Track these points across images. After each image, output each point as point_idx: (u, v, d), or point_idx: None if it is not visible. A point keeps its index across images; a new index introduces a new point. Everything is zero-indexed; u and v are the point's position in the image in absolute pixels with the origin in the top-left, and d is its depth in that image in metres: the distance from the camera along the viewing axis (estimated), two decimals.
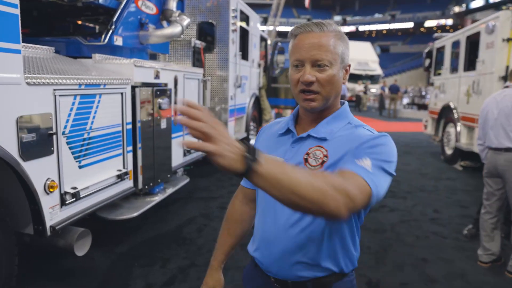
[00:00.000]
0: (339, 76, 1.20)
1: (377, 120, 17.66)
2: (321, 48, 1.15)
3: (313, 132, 1.22)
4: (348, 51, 1.23)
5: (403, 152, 9.19)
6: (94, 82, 2.76)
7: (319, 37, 1.16)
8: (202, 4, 6.27)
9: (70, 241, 2.61)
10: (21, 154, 2.14)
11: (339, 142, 1.17)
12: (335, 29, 1.20)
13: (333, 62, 1.16)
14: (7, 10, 2.02)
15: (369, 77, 25.36)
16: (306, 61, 1.16)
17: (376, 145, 1.11)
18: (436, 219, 4.56)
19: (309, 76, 1.15)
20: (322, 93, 1.17)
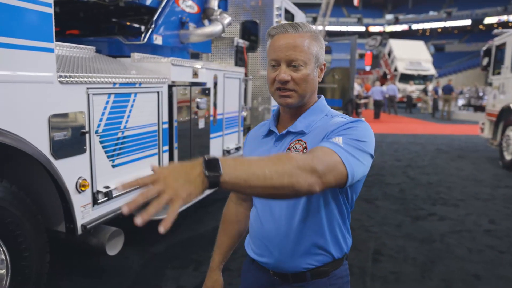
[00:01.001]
0: (314, 74, 1.27)
1: (429, 122, 16.82)
2: (296, 48, 1.21)
3: (291, 128, 1.29)
4: (323, 51, 1.29)
5: (456, 156, 8.63)
6: (128, 81, 2.74)
7: (294, 38, 1.22)
8: (246, 2, 6.19)
9: (102, 240, 2.60)
10: (52, 153, 2.14)
11: (316, 132, 1.24)
12: (309, 30, 1.26)
13: (307, 61, 1.23)
14: (41, 9, 2.03)
15: (422, 77, 24.26)
16: (281, 60, 1.22)
17: (349, 128, 1.16)
18: (492, 230, 4.17)
19: (284, 76, 1.22)
20: (298, 91, 1.24)
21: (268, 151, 1.31)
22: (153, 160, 3.12)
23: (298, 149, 1.23)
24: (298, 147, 1.24)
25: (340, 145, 1.09)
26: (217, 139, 4.29)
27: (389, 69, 25.81)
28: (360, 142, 1.13)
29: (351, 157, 1.09)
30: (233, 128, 4.74)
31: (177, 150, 3.38)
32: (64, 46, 2.86)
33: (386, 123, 15.53)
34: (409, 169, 7.14)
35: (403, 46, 25.74)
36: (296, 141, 1.26)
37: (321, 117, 1.30)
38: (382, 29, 54.38)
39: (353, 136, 1.13)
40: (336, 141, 1.10)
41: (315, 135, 1.23)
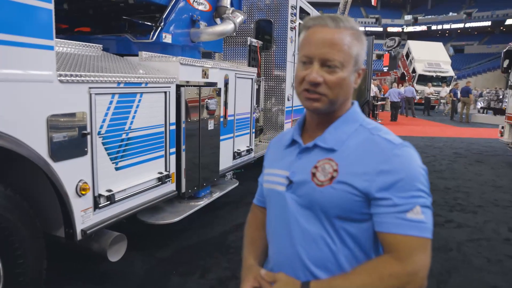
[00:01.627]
0: (350, 79, 1.10)
1: (447, 125, 16.43)
2: (333, 46, 1.06)
3: (319, 141, 1.13)
4: (364, 53, 1.14)
5: (474, 161, 8.35)
6: (134, 81, 2.63)
7: (333, 33, 1.06)
8: (260, 1, 6.07)
9: (104, 245, 2.50)
10: (50, 155, 2.04)
11: (353, 155, 1.08)
12: (352, 27, 1.09)
13: (345, 63, 1.07)
14: (40, 5, 1.93)
15: (440, 78, 23.76)
16: (315, 58, 1.07)
17: (413, 177, 1.02)
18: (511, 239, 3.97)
19: (315, 76, 1.06)
20: (328, 96, 1.08)
21: (290, 165, 1.16)
22: (159, 162, 3.01)
23: (327, 170, 1.07)
24: (328, 168, 1.08)
25: (423, 220, 1.00)
26: (228, 141, 4.17)
27: (407, 70, 25.35)
28: (428, 189, 1.04)
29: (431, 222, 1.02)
30: (245, 129, 4.62)
31: (185, 152, 3.27)
32: (69, 44, 2.77)
33: (403, 126, 15.22)
34: None
35: (421, 47, 25.26)
36: (325, 161, 1.09)
37: (355, 128, 1.12)
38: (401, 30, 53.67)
39: (423, 187, 1.02)
40: (417, 217, 0.99)
41: (351, 158, 1.06)
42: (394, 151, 1.04)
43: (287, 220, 1.13)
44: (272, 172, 1.22)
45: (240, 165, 4.58)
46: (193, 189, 3.45)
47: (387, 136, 1.08)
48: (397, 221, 0.99)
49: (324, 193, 1.06)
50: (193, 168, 3.42)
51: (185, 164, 3.28)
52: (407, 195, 1.00)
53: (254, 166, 5.79)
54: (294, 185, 1.12)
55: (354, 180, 1.04)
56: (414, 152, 1.07)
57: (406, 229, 0.99)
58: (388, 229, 1.01)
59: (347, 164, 1.06)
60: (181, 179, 3.28)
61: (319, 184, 1.07)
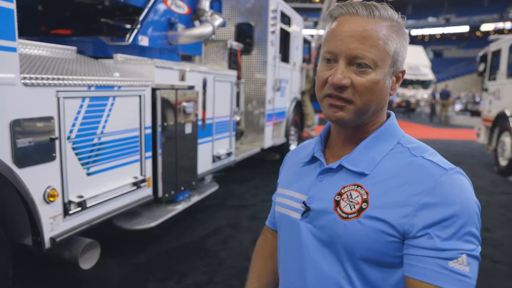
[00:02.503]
0: (386, 84, 0.88)
1: (427, 126, 16.70)
2: (365, 40, 0.84)
3: (346, 161, 0.92)
4: (405, 52, 0.91)
5: (453, 162, 8.27)
6: (106, 84, 2.56)
7: (365, 24, 0.85)
8: (241, 5, 6.05)
9: (75, 253, 2.42)
10: (14, 161, 1.96)
11: (389, 181, 0.85)
12: (390, 17, 0.88)
13: (379, 63, 0.85)
14: (1, 5, 1.86)
15: (420, 82, 24.18)
16: (340, 55, 0.85)
17: (466, 215, 0.79)
18: (487, 239, 4.00)
19: (341, 77, 0.84)
20: (356, 103, 0.86)
21: (309, 189, 0.95)
22: (134, 167, 2.94)
23: (354, 200, 0.87)
24: (355, 196, 0.87)
25: (468, 274, 0.77)
26: (207, 144, 4.11)
27: None
28: (479, 233, 0.81)
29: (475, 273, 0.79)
30: (224, 133, 4.57)
31: (161, 156, 3.20)
32: (41, 46, 2.69)
33: None
34: None
35: None
36: (352, 187, 0.88)
37: (391, 147, 0.91)
38: None
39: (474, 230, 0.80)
40: (462, 269, 0.77)
41: (387, 188, 0.85)
42: (443, 179, 0.82)
43: (300, 255, 0.94)
44: (286, 194, 1.03)
45: (220, 168, 4.53)
46: (170, 193, 3.38)
47: (433, 158, 0.87)
48: (436, 269, 0.78)
49: (349, 229, 0.86)
50: (170, 172, 3.36)
51: (162, 168, 3.22)
52: (452, 238, 0.78)
53: (235, 169, 5.75)
54: (312, 214, 0.92)
55: (389, 214, 0.82)
56: (467, 180, 0.86)
57: (446, 281, 0.77)
58: (424, 278, 0.78)
59: (381, 193, 0.85)
60: (157, 183, 3.22)
61: (344, 216, 0.87)
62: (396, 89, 0.94)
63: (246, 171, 6.58)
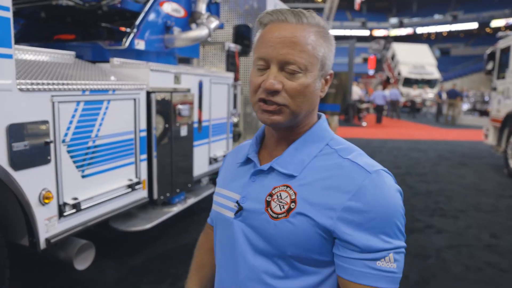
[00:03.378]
0: (316, 86, 0.92)
1: (433, 127, 16.59)
2: (295, 46, 0.87)
3: (277, 164, 0.95)
4: (332, 55, 0.95)
5: (458, 163, 8.42)
6: (100, 88, 2.64)
7: (294, 30, 0.88)
8: (239, 7, 6.11)
9: (70, 254, 2.50)
10: (11, 164, 2.04)
11: (316, 183, 0.90)
12: (318, 23, 0.92)
13: (309, 67, 0.89)
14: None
15: (426, 81, 24.07)
16: (272, 61, 0.88)
17: (389, 216, 0.84)
18: (494, 246, 3.93)
19: (273, 82, 0.87)
20: (290, 107, 0.90)
21: (242, 189, 0.98)
22: (129, 169, 3.01)
23: (283, 200, 0.90)
24: (284, 197, 0.90)
25: (395, 270, 0.84)
26: (203, 147, 4.18)
27: (392, 73, 25.64)
28: (402, 228, 0.87)
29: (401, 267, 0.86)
30: (221, 135, 4.63)
31: (156, 159, 3.27)
32: (40, 52, 2.77)
33: (388, 128, 15.36)
34: (408, 177, 6.97)
35: (406, 50, 25.56)
36: (282, 187, 0.92)
37: (320, 149, 0.95)
38: (387, 33, 54.19)
39: (399, 227, 0.86)
40: (390, 266, 0.83)
41: (314, 190, 0.89)
42: (366, 182, 0.86)
43: (233, 252, 0.96)
44: (222, 193, 1.06)
45: (216, 170, 4.59)
46: (165, 196, 3.45)
47: (359, 160, 0.90)
48: (366, 270, 0.83)
49: (279, 228, 0.89)
50: (166, 175, 3.43)
51: (157, 171, 3.29)
52: (379, 239, 0.83)
53: None
54: (245, 213, 0.95)
55: (316, 214, 0.86)
56: (391, 180, 0.90)
57: (375, 280, 0.83)
58: (355, 279, 0.84)
59: (308, 194, 0.89)
60: (152, 185, 3.29)
61: (274, 216, 0.90)
62: (325, 91, 0.97)
63: None
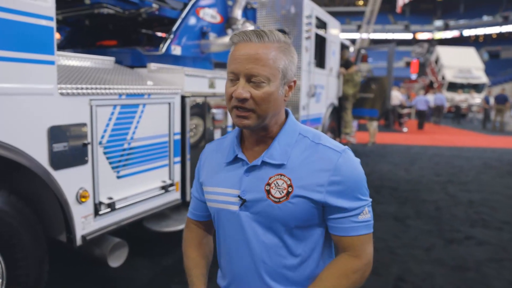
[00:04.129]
0: (279, 93, 1.11)
1: (480, 133, 15.85)
2: (258, 61, 1.06)
3: (267, 157, 1.14)
4: (293, 65, 1.14)
5: (506, 173, 7.95)
6: (136, 92, 2.74)
7: (257, 48, 1.07)
8: (276, 12, 6.14)
9: (105, 251, 2.60)
10: (51, 164, 2.16)
11: (303, 168, 1.12)
12: (278, 40, 1.10)
13: (271, 78, 1.07)
14: (42, 23, 2.06)
15: (472, 85, 23.05)
16: (240, 74, 1.07)
17: (350, 178, 1.12)
18: None
19: (242, 92, 1.06)
20: (257, 111, 1.08)
21: (239, 184, 1.16)
22: (163, 171, 3.10)
23: (281, 186, 1.11)
24: (281, 184, 1.11)
25: (369, 219, 1.16)
26: None
27: (436, 77, 24.77)
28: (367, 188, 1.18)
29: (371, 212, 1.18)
30: None
31: (190, 162, 3.34)
32: (82, 57, 2.92)
33: (430, 134, 14.83)
34: (450, 185, 6.69)
35: (451, 53, 24.62)
36: (277, 177, 1.12)
37: (295, 139, 1.16)
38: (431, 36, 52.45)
39: (366, 187, 1.16)
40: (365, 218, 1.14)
41: (302, 172, 1.11)
42: (340, 160, 1.12)
43: (244, 237, 1.16)
44: (218, 191, 1.21)
45: None
46: None
47: (328, 143, 1.15)
48: (352, 225, 1.13)
49: (283, 209, 1.11)
50: None
51: (190, 173, 3.36)
52: (357, 200, 1.13)
53: None
54: (248, 204, 1.14)
55: (310, 193, 1.10)
56: (353, 155, 1.17)
57: (359, 230, 1.13)
58: (346, 233, 1.14)
59: (300, 178, 1.11)
60: (186, 187, 3.36)
61: (276, 201, 1.11)
62: (289, 95, 1.16)
63: None
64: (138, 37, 4.72)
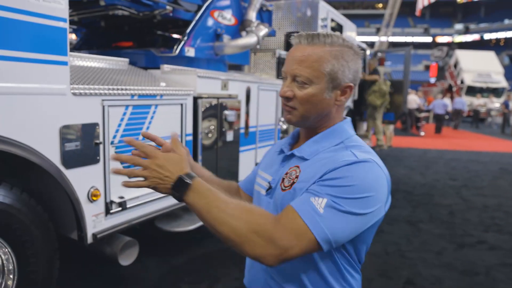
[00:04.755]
0: (324, 96, 1.11)
1: (498, 138, 15.52)
2: (302, 63, 1.09)
3: (297, 150, 1.19)
4: (348, 70, 1.11)
5: None
6: (148, 93, 2.76)
7: (304, 50, 1.10)
8: (292, 14, 6.13)
9: (115, 249, 2.63)
10: (63, 162, 2.20)
11: (315, 164, 1.10)
12: (330, 43, 1.10)
13: (314, 80, 1.09)
14: (56, 24, 2.09)
15: (492, 90, 22.60)
16: (288, 74, 1.13)
17: (342, 177, 1.01)
18: None
19: (285, 90, 1.13)
20: (299, 110, 1.13)
21: (276, 172, 1.23)
22: None
23: (292, 176, 1.13)
24: (293, 174, 1.13)
25: (319, 213, 0.97)
26: (249, 152, 4.22)
27: (455, 81, 24.36)
28: (348, 201, 0.98)
29: (331, 228, 0.96)
30: (269, 141, 4.65)
31: (201, 162, 3.36)
32: (97, 58, 2.97)
33: (447, 139, 14.58)
34: (464, 190, 6.58)
35: (470, 57, 24.18)
36: (294, 168, 1.15)
37: (334, 145, 1.13)
38: (451, 40, 51.66)
39: (342, 193, 0.99)
40: (316, 205, 0.98)
41: (313, 167, 1.09)
42: (352, 165, 1.02)
43: None
44: (260, 175, 1.31)
45: None
46: None
47: (357, 151, 1.08)
48: (300, 198, 1.02)
49: (284, 197, 1.13)
50: None
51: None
52: (325, 186, 1.00)
53: None
54: (272, 190, 1.21)
55: (306, 184, 1.07)
56: (376, 169, 1.04)
57: (300, 205, 1.00)
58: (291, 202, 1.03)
59: (307, 173, 1.10)
60: None
61: (283, 188, 1.14)
62: (342, 100, 1.14)
63: None
64: (153, 39, 4.76)
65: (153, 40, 4.74)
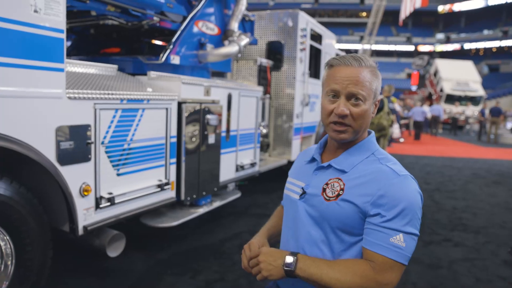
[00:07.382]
0: (371, 111, 1.28)
1: (473, 145, 16.10)
2: (358, 83, 1.22)
3: (334, 162, 1.31)
4: (380, 86, 1.31)
5: (492, 182, 8.22)
6: (136, 98, 3.00)
7: (357, 71, 1.24)
8: (274, 24, 6.43)
9: (104, 242, 2.85)
10: (58, 159, 2.42)
11: (359, 180, 1.23)
12: (371, 65, 1.27)
13: (367, 97, 1.24)
14: (53, 35, 2.33)
15: (469, 98, 23.34)
16: (342, 93, 1.24)
17: (405, 204, 1.16)
18: (510, 262, 3.95)
19: (344, 109, 1.23)
20: (353, 126, 1.25)
21: (307, 179, 1.35)
22: (160, 171, 3.36)
23: (335, 188, 1.24)
24: (336, 186, 1.25)
25: (402, 247, 1.14)
26: (230, 154, 4.48)
27: (435, 89, 25.07)
28: (417, 224, 1.18)
29: (410, 252, 1.16)
30: (249, 144, 4.92)
31: (185, 163, 3.60)
32: (88, 65, 3.20)
33: (426, 145, 15.07)
34: (436, 193, 6.95)
35: (449, 66, 24.95)
36: (335, 180, 1.27)
37: (366, 156, 1.29)
38: (433, 49, 52.92)
39: (412, 220, 1.16)
40: (397, 242, 1.14)
41: (357, 183, 1.22)
42: (394, 180, 1.19)
43: (296, 223, 1.34)
44: (292, 181, 1.45)
45: (243, 177, 4.88)
46: (192, 197, 3.77)
47: (393, 167, 1.24)
48: (380, 243, 1.15)
49: (329, 208, 1.24)
50: (193, 178, 3.75)
51: (185, 174, 3.62)
52: (395, 220, 1.15)
53: (260, 180, 6.03)
54: (307, 196, 1.32)
55: (357, 200, 1.20)
56: (414, 184, 1.22)
57: (386, 252, 1.14)
58: (371, 247, 1.17)
59: (353, 186, 1.23)
60: (180, 187, 3.61)
61: (327, 199, 1.25)
62: (375, 112, 1.32)
63: (273, 183, 6.81)
64: (140, 46, 4.99)
65: (140, 47, 4.98)
